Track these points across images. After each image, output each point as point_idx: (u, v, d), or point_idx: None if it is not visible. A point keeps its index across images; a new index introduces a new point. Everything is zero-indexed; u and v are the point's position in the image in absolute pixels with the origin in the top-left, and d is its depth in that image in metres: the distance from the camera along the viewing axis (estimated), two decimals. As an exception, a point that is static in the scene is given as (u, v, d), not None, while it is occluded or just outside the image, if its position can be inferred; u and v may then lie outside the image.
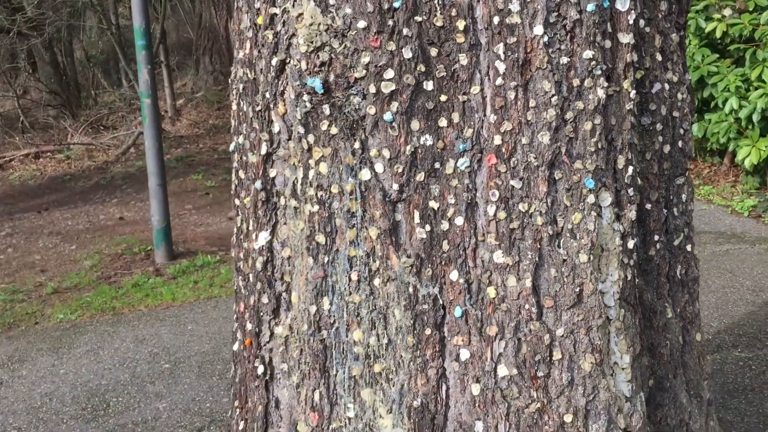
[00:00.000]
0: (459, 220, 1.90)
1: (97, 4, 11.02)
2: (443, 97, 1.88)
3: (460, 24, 1.84)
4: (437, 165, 1.90)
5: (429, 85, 1.88)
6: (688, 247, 2.25)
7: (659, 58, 2.09)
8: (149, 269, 6.13)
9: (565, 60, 1.86)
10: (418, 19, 1.85)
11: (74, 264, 6.48)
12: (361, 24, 1.86)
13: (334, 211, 1.97)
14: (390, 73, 1.86)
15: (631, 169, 1.95)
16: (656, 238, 2.14)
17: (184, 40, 14.19)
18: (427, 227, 1.92)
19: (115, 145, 10.49)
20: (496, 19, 1.84)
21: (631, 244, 1.95)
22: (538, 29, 1.84)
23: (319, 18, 1.88)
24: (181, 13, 13.03)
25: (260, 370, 2.09)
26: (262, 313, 2.09)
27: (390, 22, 1.85)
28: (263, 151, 2.04)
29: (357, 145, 1.93)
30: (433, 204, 1.91)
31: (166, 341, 4.67)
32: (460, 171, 1.90)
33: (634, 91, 1.93)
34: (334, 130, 1.93)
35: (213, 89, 11.99)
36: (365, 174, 1.93)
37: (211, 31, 12.41)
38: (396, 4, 1.84)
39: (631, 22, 1.90)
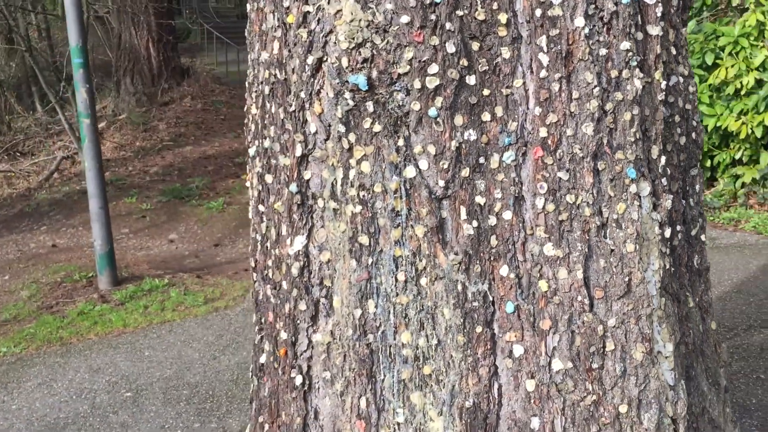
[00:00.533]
0: (507, 215, 1.89)
1: (14, 26, 10.57)
2: (486, 91, 1.87)
3: (503, 17, 1.84)
4: (482, 160, 1.89)
5: (471, 80, 1.86)
6: (702, 237, 2.30)
7: (673, 51, 2.14)
8: (93, 296, 5.88)
9: (603, 51, 1.88)
10: (460, 13, 1.84)
11: (10, 295, 6.15)
12: (404, 19, 1.83)
13: (377, 210, 1.92)
14: (434, 68, 1.84)
15: (664, 159, 1.98)
16: (678, 228, 2.18)
17: (101, 62, 13.78)
18: (474, 223, 1.89)
19: (35, 172, 10.06)
20: (538, 12, 1.84)
21: (668, 233, 1.98)
22: (579, 21, 1.85)
23: (360, 14, 1.84)
24: (98, 34, 12.65)
25: (298, 380, 2.01)
26: (299, 321, 2.02)
27: (432, 17, 1.83)
28: (298, 152, 1.98)
29: (401, 142, 1.89)
30: (480, 199, 1.89)
31: (123, 369, 4.47)
32: (506, 165, 1.88)
33: (665, 82, 1.97)
34: (377, 128, 1.89)
35: (137, 111, 11.66)
36: (410, 171, 1.90)
37: (132, 52, 12.08)
38: (437, -1, 1.83)
39: (659, 14, 1.94)
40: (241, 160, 10.47)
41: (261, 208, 2.13)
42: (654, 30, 1.94)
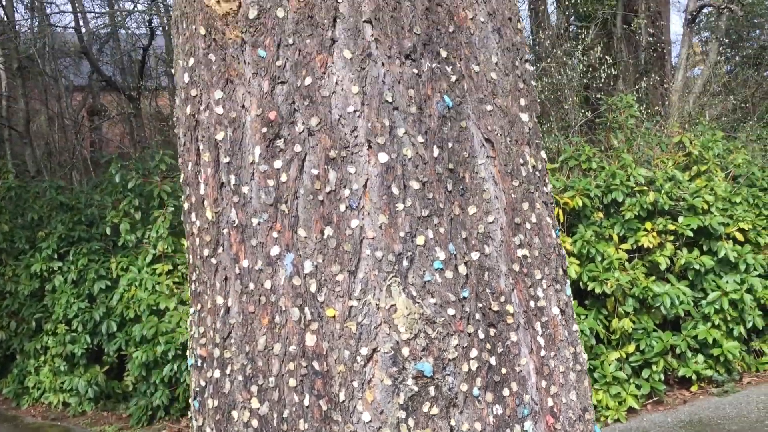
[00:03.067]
0: (538, 480, 2.14)
1: None
2: (504, 370, 2.17)
3: (510, 308, 2.20)
4: (508, 431, 2.13)
5: (493, 360, 2.15)
6: None
7: None
8: None
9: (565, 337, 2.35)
10: (480, 305, 2.16)
11: None
12: (450, 311, 2.08)
13: (434, 491, 2.00)
14: (474, 353, 2.09)
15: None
16: None
17: None
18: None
19: None
20: (531, 304, 2.25)
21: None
22: (555, 310, 2.31)
23: (413, 308, 2.04)
24: None
25: None
26: None
27: (467, 309, 2.11)
28: (352, 445, 1.98)
29: (453, 422, 2.05)
30: (515, 465, 2.11)
31: None
32: (528, 434, 2.16)
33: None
34: (434, 411, 2.03)
35: None
36: (462, 451, 2.05)
37: None
38: (465, 294, 2.13)
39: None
40: None
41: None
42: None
